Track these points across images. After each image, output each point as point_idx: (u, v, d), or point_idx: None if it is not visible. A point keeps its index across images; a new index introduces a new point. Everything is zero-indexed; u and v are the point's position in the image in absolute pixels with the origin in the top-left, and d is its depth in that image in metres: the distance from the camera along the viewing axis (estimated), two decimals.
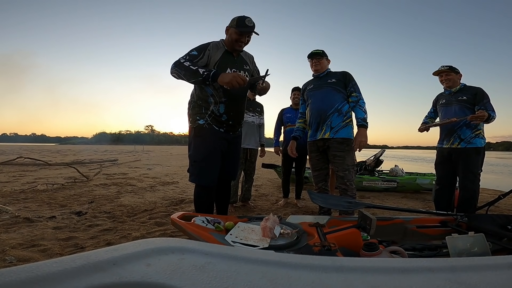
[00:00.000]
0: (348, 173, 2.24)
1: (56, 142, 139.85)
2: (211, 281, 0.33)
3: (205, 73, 1.70)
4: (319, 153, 2.42)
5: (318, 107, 2.37)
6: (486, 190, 5.40)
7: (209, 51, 1.82)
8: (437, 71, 2.70)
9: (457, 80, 2.65)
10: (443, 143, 2.69)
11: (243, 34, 1.80)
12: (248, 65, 1.98)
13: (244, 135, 3.12)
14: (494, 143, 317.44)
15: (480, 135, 2.52)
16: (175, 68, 1.77)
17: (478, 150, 2.49)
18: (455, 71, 2.63)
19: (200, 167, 1.84)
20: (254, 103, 3.37)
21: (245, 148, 3.24)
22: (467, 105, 2.54)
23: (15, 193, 3.77)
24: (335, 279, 0.36)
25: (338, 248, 1.14)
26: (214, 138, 1.86)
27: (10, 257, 1.69)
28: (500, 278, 0.38)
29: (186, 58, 1.79)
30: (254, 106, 3.36)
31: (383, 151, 5.11)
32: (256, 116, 3.35)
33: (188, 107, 1.97)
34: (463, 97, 2.57)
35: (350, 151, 2.27)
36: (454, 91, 2.64)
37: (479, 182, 2.51)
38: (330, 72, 2.44)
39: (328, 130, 2.31)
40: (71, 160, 10.11)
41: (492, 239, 1.39)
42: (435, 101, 2.89)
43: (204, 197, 1.88)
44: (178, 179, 5.85)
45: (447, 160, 2.64)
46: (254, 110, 3.34)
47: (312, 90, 2.46)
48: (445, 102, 2.70)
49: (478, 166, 2.51)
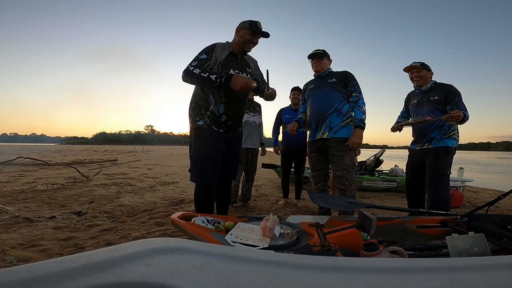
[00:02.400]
0: (346, 173, 2.22)
1: (57, 142, 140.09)
2: (211, 281, 0.33)
3: (217, 79, 1.73)
4: (318, 153, 2.42)
5: (318, 107, 2.36)
6: (486, 190, 5.41)
7: (216, 52, 1.86)
8: (409, 66, 2.56)
9: (428, 78, 2.54)
10: (414, 146, 2.61)
11: (256, 35, 1.88)
12: (250, 69, 2.01)
13: (246, 135, 3.13)
14: (494, 143, 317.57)
15: (453, 136, 2.42)
16: (187, 77, 1.80)
17: (448, 150, 2.39)
18: (427, 68, 2.52)
19: (200, 167, 1.86)
20: (253, 103, 3.38)
21: (247, 148, 3.24)
22: (439, 106, 2.44)
23: (15, 193, 3.77)
24: (335, 279, 0.36)
25: (338, 248, 1.14)
26: (214, 139, 1.88)
27: (10, 257, 1.69)
28: (500, 278, 0.38)
29: (195, 64, 1.81)
30: (254, 105, 3.37)
31: (383, 151, 5.11)
32: (257, 115, 3.36)
33: (189, 107, 1.99)
34: (435, 97, 2.46)
35: (349, 150, 2.26)
36: (425, 89, 2.54)
37: (448, 184, 2.40)
38: (331, 72, 2.43)
39: (327, 130, 2.30)
40: (71, 160, 10.11)
41: (492, 239, 1.39)
42: (406, 100, 2.78)
43: (204, 197, 1.89)
44: (178, 179, 5.85)
45: (416, 162, 2.56)
46: (254, 110, 3.35)
47: (312, 90, 2.46)
48: (417, 103, 2.59)
49: (448, 166, 2.40)
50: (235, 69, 1.89)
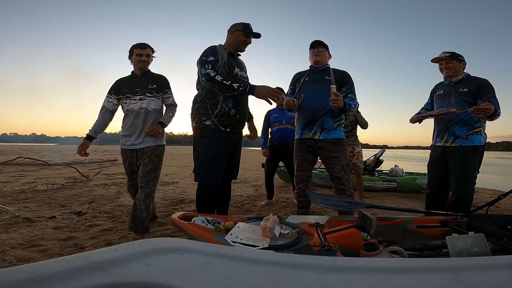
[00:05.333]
0: (344, 173, 2.17)
1: (56, 142, 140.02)
2: (211, 281, 0.33)
3: (240, 88, 1.80)
4: (306, 153, 2.28)
5: (311, 105, 2.20)
6: (486, 190, 5.40)
7: (219, 53, 1.93)
8: (437, 58, 2.33)
9: (460, 69, 2.29)
10: (436, 140, 2.37)
11: (249, 36, 2.01)
12: (245, 68, 2.14)
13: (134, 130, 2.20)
14: (494, 143, 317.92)
15: (480, 132, 2.19)
16: (208, 82, 1.84)
17: (476, 149, 2.17)
18: (458, 59, 2.26)
19: (206, 167, 1.89)
20: (150, 78, 2.24)
21: (132, 150, 2.19)
22: (467, 99, 2.19)
23: (15, 193, 3.77)
24: (335, 279, 0.36)
25: (338, 248, 1.14)
26: (220, 139, 1.92)
27: (10, 257, 1.69)
28: (500, 278, 0.38)
29: (212, 67, 1.84)
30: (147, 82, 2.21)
31: (383, 151, 5.11)
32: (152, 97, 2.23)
33: (192, 106, 2.01)
34: (464, 89, 2.21)
35: (344, 151, 2.21)
36: (455, 81, 2.29)
37: (474, 185, 2.21)
38: (328, 68, 2.28)
39: (319, 130, 2.19)
40: (71, 160, 10.11)
41: (492, 239, 1.39)
42: (432, 91, 2.53)
43: (207, 197, 1.93)
44: (178, 179, 5.85)
45: (439, 161, 2.33)
46: (148, 91, 2.19)
47: (307, 84, 2.25)
48: (443, 93, 2.35)
49: (475, 166, 2.19)
50: (237, 67, 1.99)
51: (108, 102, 2.24)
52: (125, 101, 2.19)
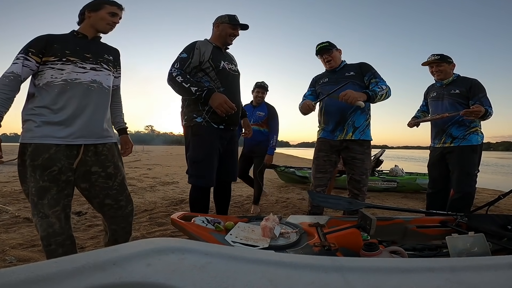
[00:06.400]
0: (365, 178, 2.07)
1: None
2: (211, 281, 0.33)
3: (197, 92, 1.72)
4: (330, 153, 2.14)
5: (338, 104, 2.01)
6: (486, 190, 5.40)
7: (198, 49, 1.84)
8: (427, 61, 2.41)
9: (450, 71, 2.38)
10: (435, 142, 2.45)
11: (236, 27, 1.93)
12: (235, 61, 2.03)
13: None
14: (494, 143, 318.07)
15: (476, 131, 2.26)
16: (170, 82, 1.79)
17: (474, 148, 2.24)
18: (447, 61, 2.35)
19: (199, 168, 1.81)
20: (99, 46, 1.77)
21: (78, 145, 1.56)
22: (460, 100, 2.28)
23: (15, 193, 3.77)
24: (335, 279, 0.36)
25: (338, 248, 1.15)
26: (212, 137, 1.83)
27: (10, 257, 1.70)
28: (500, 278, 0.38)
29: (178, 66, 1.79)
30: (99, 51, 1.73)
31: (383, 151, 5.11)
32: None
33: (182, 104, 1.92)
34: (456, 90, 2.29)
35: (369, 154, 2.12)
36: (446, 83, 2.38)
37: (475, 184, 2.27)
38: (347, 65, 2.17)
39: (351, 130, 2.06)
40: None
41: (492, 239, 1.39)
42: (426, 94, 2.61)
43: (201, 198, 1.86)
44: (178, 179, 5.85)
45: (439, 161, 2.40)
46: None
47: (328, 84, 2.14)
48: (436, 96, 2.43)
49: (475, 165, 2.26)
50: (224, 61, 1.89)
51: (24, 66, 1.33)
52: (60, 66, 1.37)
